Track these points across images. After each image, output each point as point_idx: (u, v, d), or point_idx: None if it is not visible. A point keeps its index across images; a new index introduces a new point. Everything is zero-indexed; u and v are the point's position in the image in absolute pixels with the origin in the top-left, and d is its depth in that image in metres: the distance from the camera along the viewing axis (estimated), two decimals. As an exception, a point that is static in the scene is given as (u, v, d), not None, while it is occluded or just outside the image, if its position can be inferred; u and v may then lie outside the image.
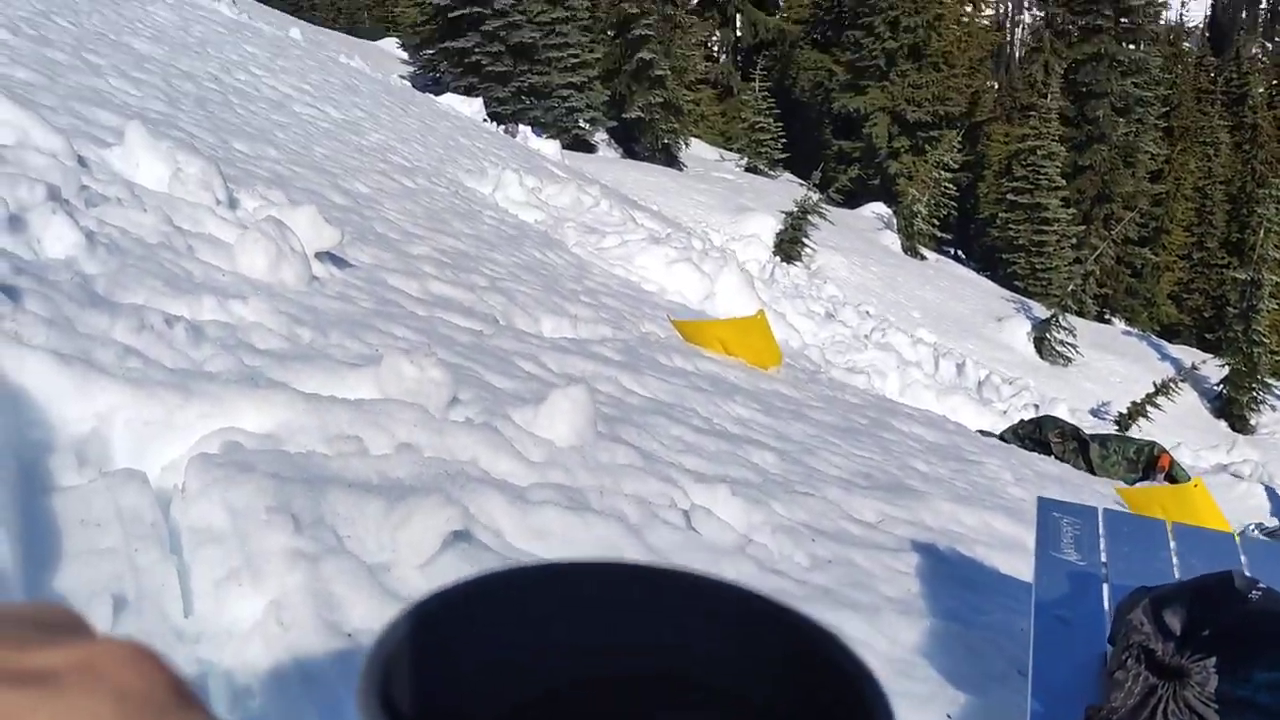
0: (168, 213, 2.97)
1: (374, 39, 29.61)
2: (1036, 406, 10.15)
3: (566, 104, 22.22)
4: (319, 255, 3.24)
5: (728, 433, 3.22)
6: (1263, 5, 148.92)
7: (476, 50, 21.37)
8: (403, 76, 21.94)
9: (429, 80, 22.55)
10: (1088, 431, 8.40)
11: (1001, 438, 7.62)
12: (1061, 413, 9.79)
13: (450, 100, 13.74)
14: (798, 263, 15.61)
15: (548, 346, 3.47)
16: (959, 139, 21.90)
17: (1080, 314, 18.24)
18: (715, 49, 30.74)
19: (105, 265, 2.32)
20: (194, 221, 3.07)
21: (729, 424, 3.38)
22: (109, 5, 6.44)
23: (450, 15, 20.98)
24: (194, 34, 6.91)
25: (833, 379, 6.15)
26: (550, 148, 12.96)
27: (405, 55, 24.79)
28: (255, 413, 1.86)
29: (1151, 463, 7.88)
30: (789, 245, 15.81)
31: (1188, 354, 19.68)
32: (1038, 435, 7.86)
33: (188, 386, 1.81)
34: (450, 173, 7.00)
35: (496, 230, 5.65)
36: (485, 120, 14.03)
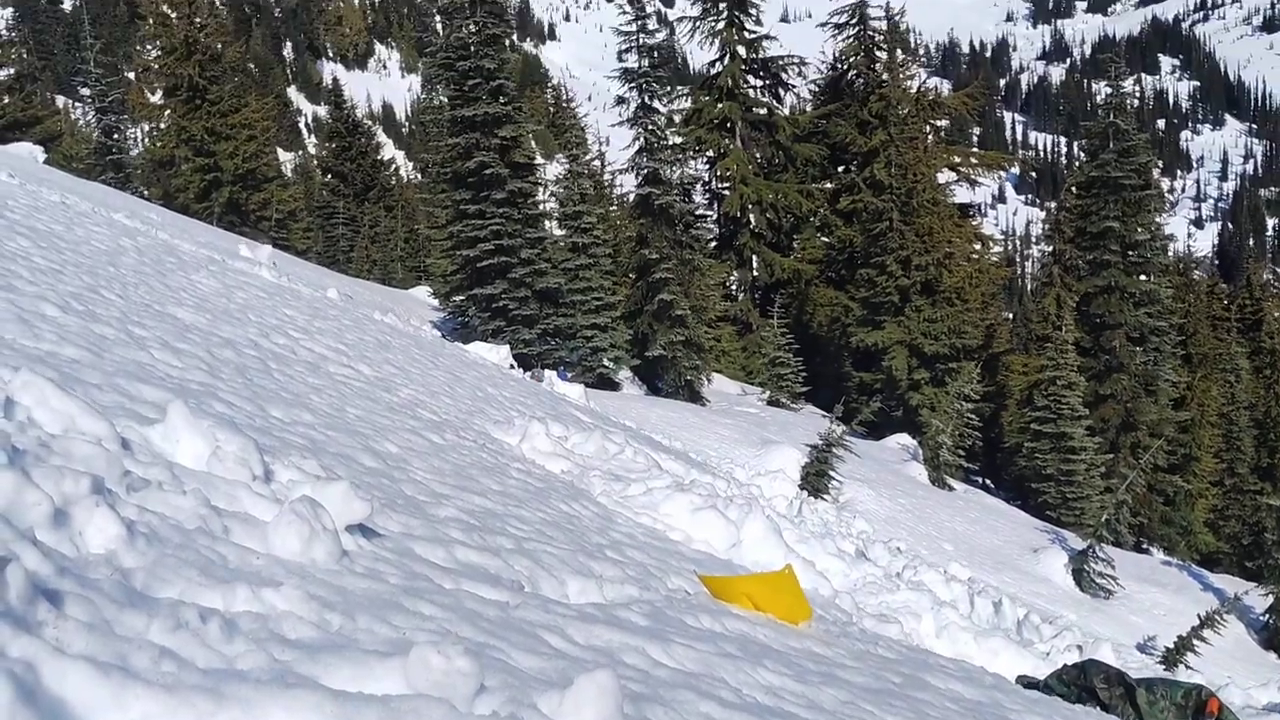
0: (206, 493, 3.05)
1: (406, 288, 30.95)
2: (1080, 648, 9.83)
3: (591, 344, 22.85)
4: (349, 528, 3.30)
5: (758, 704, 3.15)
6: (1270, 233, 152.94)
7: (504, 296, 22.15)
8: (433, 323, 22.75)
9: (457, 325, 23.33)
10: (1134, 674, 8.09)
11: (1046, 685, 7.36)
12: (1106, 653, 9.47)
13: (478, 348, 14.20)
14: (825, 496, 15.55)
15: (574, 615, 3.46)
16: (978, 370, 22.23)
17: (1117, 544, 17.92)
18: (734, 288, 31.84)
19: (144, 557, 2.37)
20: (230, 499, 3.15)
21: (759, 694, 3.31)
22: (155, 276, 6.81)
23: (479, 265, 21.90)
24: (236, 300, 7.26)
25: (865, 630, 6.02)
26: (575, 391, 13.25)
27: (435, 303, 25.78)
28: (285, 714, 1.86)
29: (1200, 707, 7.54)
30: (815, 479, 15.81)
31: (1230, 583, 19.17)
32: (1083, 681, 7.58)
33: (219, 690, 1.82)
34: (478, 425, 7.15)
35: (523, 485, 5.71)
36: (512, 367, 14.42)
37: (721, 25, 31.24)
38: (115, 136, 29.14)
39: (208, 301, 6.77)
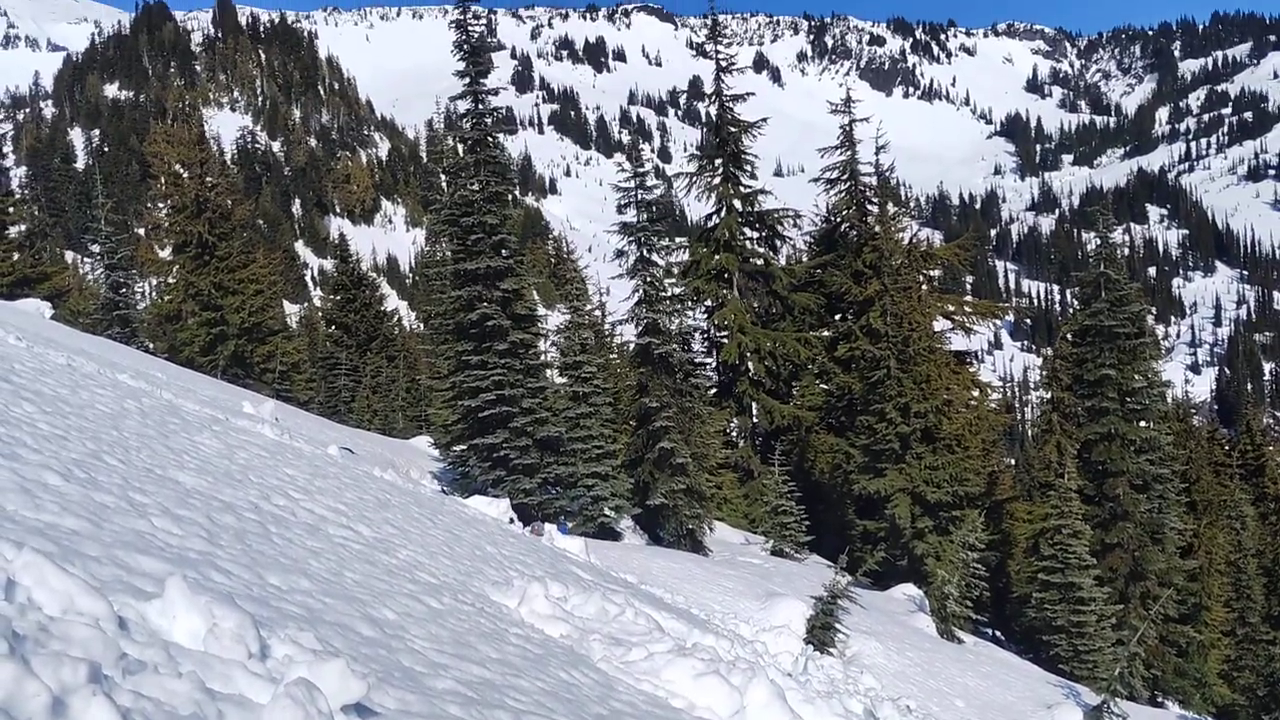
0: (201, 675, 3.02)
1: (407, 437, 30.95)
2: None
3: (592, 493, 22.71)
4: (345, 708, 3.25)
5: None
6: (1266, 378, 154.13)
7: (505, 445, 22.09)
8: (433, 473, 22.68)
9: (457, 475, 23.24)
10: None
11: None
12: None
13: (477, 503, 14.13)
14: (831, 651, 15.21)
15: (574, 800, 3.37)
16: (982, 519, 22.05)
17: (1132, 698, 17.45)
18: (734, 434, 31.87)
19: (136, 750, 2.34)
20: (225, 681, 3.11)
21: None
22: (158, 439, 6.85)
23: (481, 415, 21.96)
24: (237, 461, 7.28)
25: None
26: (576, 545, 13.13)
27: (436, 453, 25.73)
28: None
29: None
30: (821, 632, 15.48)
31: (1251, 739, 18.57)
32: None
33: None
34: (476, 586, 7.07)
35: (522, 652, 5.62)
36: (511, 521, 14.32)
37: (718, 181, 32.19)
38: (123, 291, 29.65)
39: (209, 463, 6.79)
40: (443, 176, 32.52)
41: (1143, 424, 25.54)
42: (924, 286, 29.67)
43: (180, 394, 10.38)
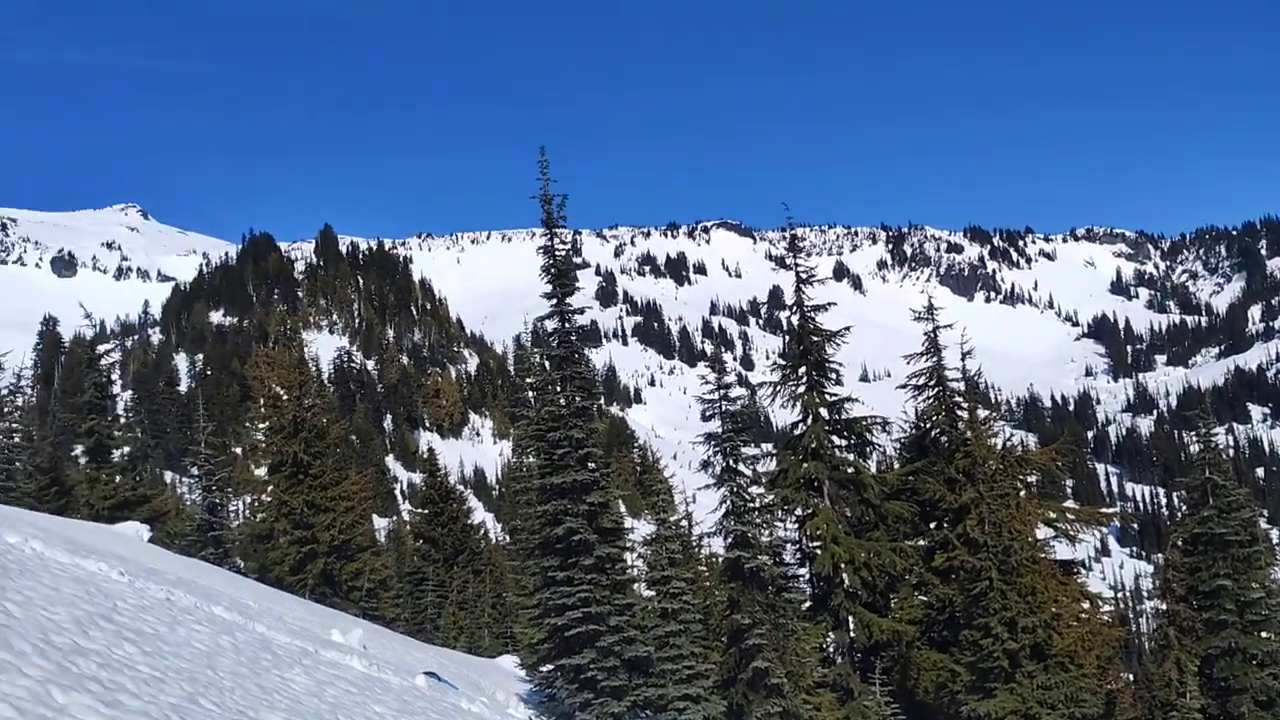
0: None
1: (494, 655, 30.37)
2: None
3: (684, 716, 21.77)
4: None
5: None
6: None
7: (592, 666, 21.46)
8: (520, 696, 22.05)
9: (544, 698, 22.57)
10: None
11: None
12: None
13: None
14: None
15: None
16: (1103, 743, 20.50)
17: None
18: (831, 651, 30.53)
19: None
20: None
21: None
22: (250, 677, 6.74)
23: (567, 634, 21.46)
24: (326, 699, 7.10)
25: None
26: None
27: (523, 673, 25.13)
28: None
29: None
30: None
31: None
32: None
33: None
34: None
35: None
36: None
37: (802, 389, 32.16)
38: (218, 512, 30.29)
39: (299, 703, 6.62)
40: (530, 394, 33.19)
41: (1265, 635, 23.92)
42: (1021, 492, 28.80)
43: (272, 625, 10.33)
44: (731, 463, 25.30)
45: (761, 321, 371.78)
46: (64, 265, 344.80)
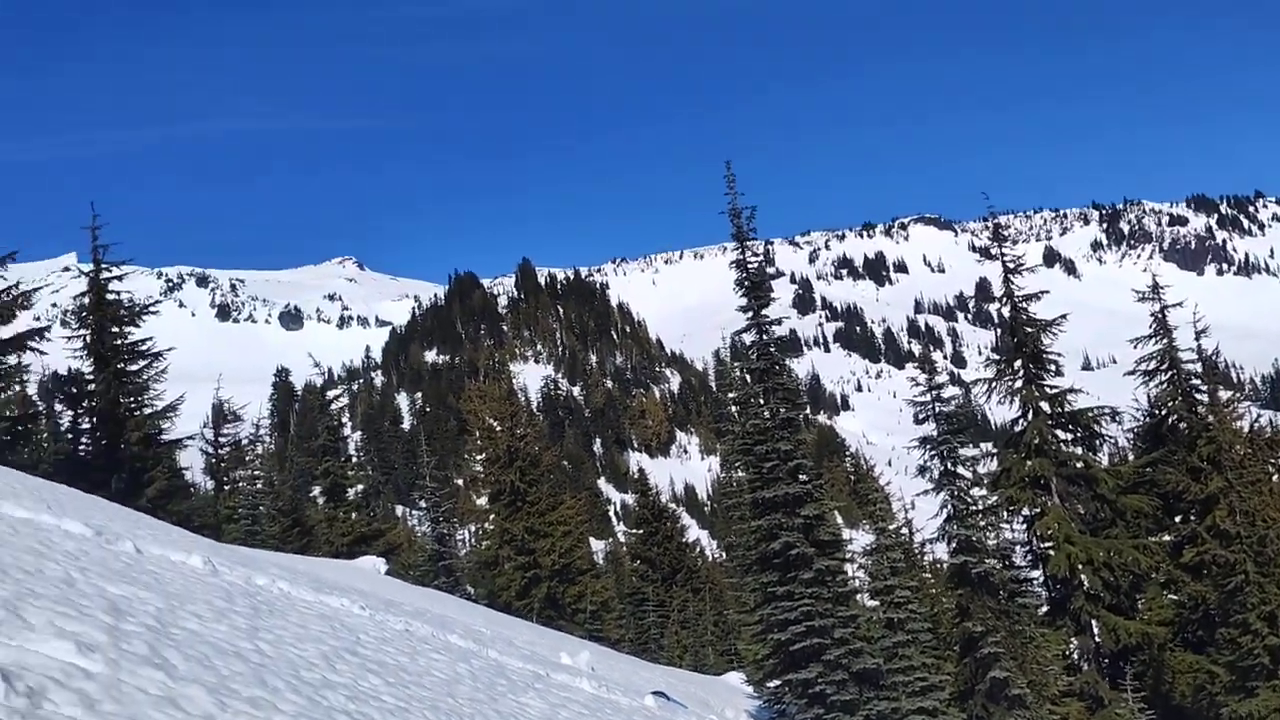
0: None
1: (719, 673, 30.33)
2: None
3: (919, 732, 21.06)
4: None
5: None
6: None
7: (820, 680, 21.08)
8: (748, 713, 21.89)
9: (774, 714, 22.33)
10: None
11: None
12: None
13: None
14: None
15: None
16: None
17: None
18: (1075, 657, 28.87)
19: None
20: None
21: None
22: (488, 703, 6.86)
23: (792, 649, 21.15)
24: (561, 723, 7.16)
25: None
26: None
27: (750, 689, 24.95)
28: None
29: None
30: None
31: None
32: None
33: None
34: None
35: None
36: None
37: (1019, 384, 30.69)
38: (446, 543, 31.60)
39: (535, 729, 6.70)
40: (733, 407, 33.12)
41: None
42: (1275, 478, 26.52)
43: (504, 650, 10.59)
44: (949, 465, 24.39)
45: (970, 316, 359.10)
46: (290, 319, 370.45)
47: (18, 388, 24.70)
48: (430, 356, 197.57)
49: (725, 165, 22.48)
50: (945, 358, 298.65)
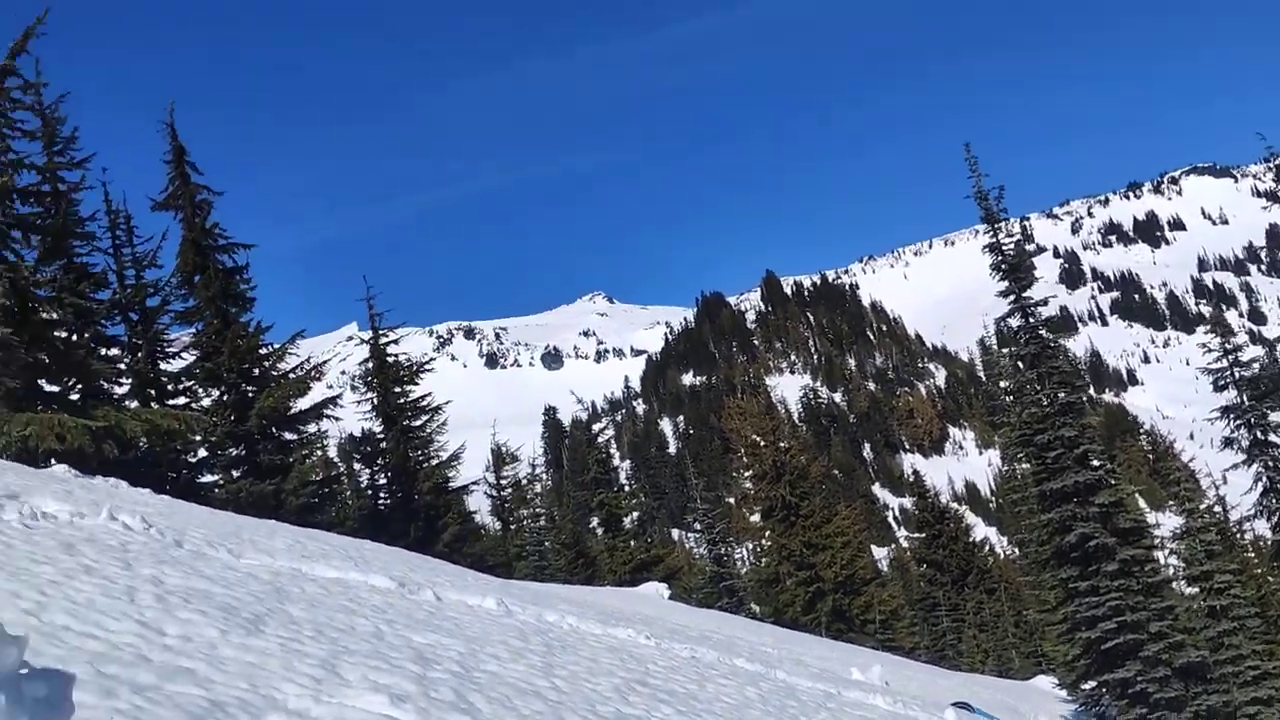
0: None
1: (1026, 678, 28.87)
2: None
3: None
4: None
5: None
6: None
7: (1140, 678, 19.73)
8: (1064, 716, 20.74)
9: (1093, 718, 21.10)
10: None
11: None
12: None
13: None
14: None
15: None
16: None
17: None
18: None
19: None
20: None
21: None
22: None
23: (1104, 647, 19.85)
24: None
25: None
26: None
27: (1063, 693, 23.62)
28: None
29: None
30: None
31: None
32: None
33: None
34: None
35: None
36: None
37: (1333, 335, 27.64)
38: (724, 564, 31.80)
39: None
40: (1007, 397, 31.65)
41: None
42: None
43: (792, 670, 10.48)
44: (1260, 434, 22.29)
45: (1264, 267, 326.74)
46: (551, 359, 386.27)
47: (320, 453, 26.92)
48: (687, 379, 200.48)
49: (965, 148, 21.71)
50: (1241, 316, 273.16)
